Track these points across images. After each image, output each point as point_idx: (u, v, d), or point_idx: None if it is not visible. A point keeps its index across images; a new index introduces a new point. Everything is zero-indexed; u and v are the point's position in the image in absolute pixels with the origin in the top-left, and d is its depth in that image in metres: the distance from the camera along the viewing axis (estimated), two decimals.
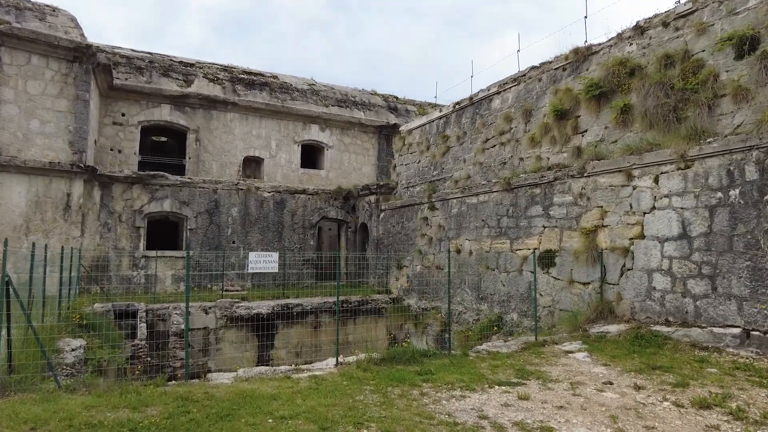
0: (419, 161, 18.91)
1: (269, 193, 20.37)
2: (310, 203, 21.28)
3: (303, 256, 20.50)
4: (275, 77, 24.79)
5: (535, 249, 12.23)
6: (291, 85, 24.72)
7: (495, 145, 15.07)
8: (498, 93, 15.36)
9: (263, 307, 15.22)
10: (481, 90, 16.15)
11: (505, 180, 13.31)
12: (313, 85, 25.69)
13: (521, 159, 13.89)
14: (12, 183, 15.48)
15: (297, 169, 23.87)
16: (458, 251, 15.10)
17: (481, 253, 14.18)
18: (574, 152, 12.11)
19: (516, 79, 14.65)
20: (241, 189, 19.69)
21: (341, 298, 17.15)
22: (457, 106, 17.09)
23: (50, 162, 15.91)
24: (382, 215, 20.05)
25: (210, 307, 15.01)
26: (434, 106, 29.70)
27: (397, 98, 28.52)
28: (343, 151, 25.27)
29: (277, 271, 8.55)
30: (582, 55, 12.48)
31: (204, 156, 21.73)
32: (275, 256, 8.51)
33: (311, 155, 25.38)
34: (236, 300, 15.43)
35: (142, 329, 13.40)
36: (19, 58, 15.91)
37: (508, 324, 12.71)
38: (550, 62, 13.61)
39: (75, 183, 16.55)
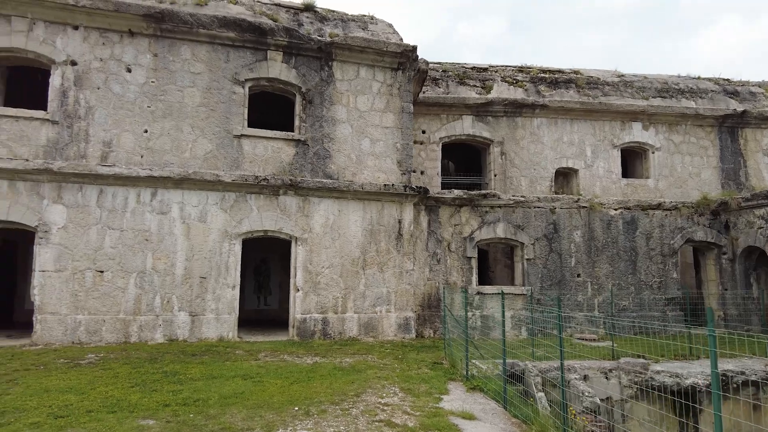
0: None
1: (616, 210, 15.71)
2: (668, 222, 15.95)
3: (665, 294, 15.21)
4: (577, 72, 20.45)
5: None
6: (598, 78, 20.07)
7: None
8: None
9: (697, 375, 10.36)
10: None
11: None
12: (622, 76, 20.63)
13: None
14: (349, 211, 13.69)
15: (618, 179, 18.82)
16: None
17: None
18: None
19: None
20: (583, 207, 15.44)
21: None
22: None
23: (384, 185, 13.80)
24: None
25: (611, 370, 10.75)
26: None
27: (729, 80, 21.67)
28: (672, 152, 19.45)
29: None
30: None
31: (511, 171, 18.20)
32: None
33: (625, 161, 20.19)
34: (646, 360, 10.92)
35: (542, 402, 9.68)
36: (348, 72, 14.34)
37: None
38: None
39: (405, 207, 14.23)
